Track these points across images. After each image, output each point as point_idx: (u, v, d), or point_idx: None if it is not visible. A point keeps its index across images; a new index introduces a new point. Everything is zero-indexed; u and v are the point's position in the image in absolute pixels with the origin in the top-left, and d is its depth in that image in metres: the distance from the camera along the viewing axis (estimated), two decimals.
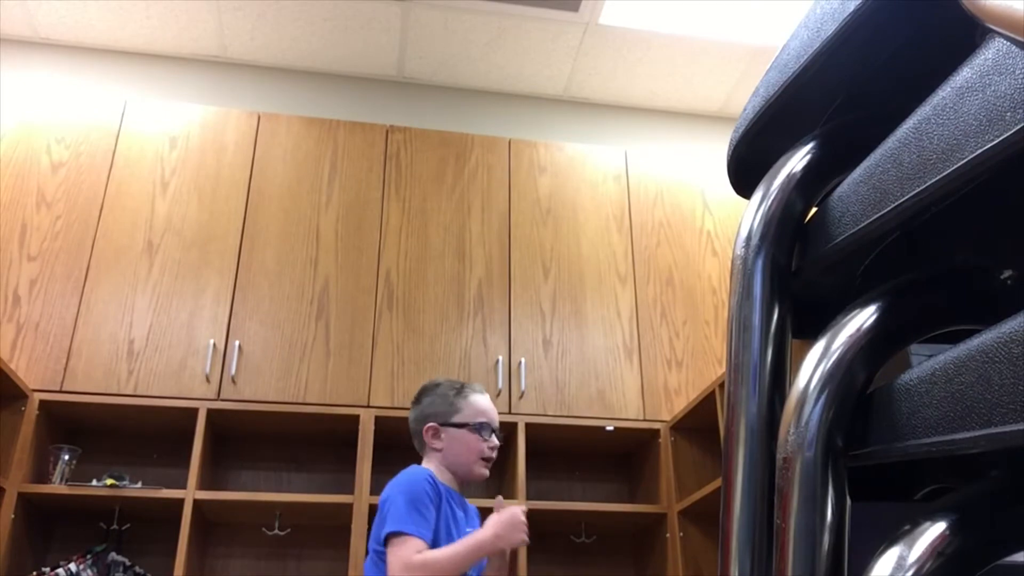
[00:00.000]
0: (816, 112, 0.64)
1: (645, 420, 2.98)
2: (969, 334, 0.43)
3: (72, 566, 2.47)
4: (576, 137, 3.77)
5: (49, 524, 2.68)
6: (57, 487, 2.52)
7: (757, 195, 0.62)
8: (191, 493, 2.51)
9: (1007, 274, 0.54)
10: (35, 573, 2.46)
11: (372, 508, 2.40)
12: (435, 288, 3.06)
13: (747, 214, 0.62)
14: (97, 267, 2.84)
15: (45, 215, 2.90)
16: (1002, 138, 0.40)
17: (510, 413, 2.84)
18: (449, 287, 3.07)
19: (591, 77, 3.80)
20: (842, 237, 0.55)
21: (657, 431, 2.95)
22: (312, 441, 2.94)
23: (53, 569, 2.45)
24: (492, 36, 3.56)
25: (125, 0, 3.35)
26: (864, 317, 0.52)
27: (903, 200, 0.48)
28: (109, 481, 2.53)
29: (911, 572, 0.42)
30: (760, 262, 0.60)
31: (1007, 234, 0.56)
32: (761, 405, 0.57)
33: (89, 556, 2.54)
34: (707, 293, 3.30)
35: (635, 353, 3.10)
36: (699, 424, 2.81)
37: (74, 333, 2.72)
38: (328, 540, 2.79)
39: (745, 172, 0.69)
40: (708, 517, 2.78)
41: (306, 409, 2.74)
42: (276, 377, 2.79)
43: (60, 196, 2.94)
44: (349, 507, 2.58)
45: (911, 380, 0.46)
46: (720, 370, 3.00)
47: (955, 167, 0.44)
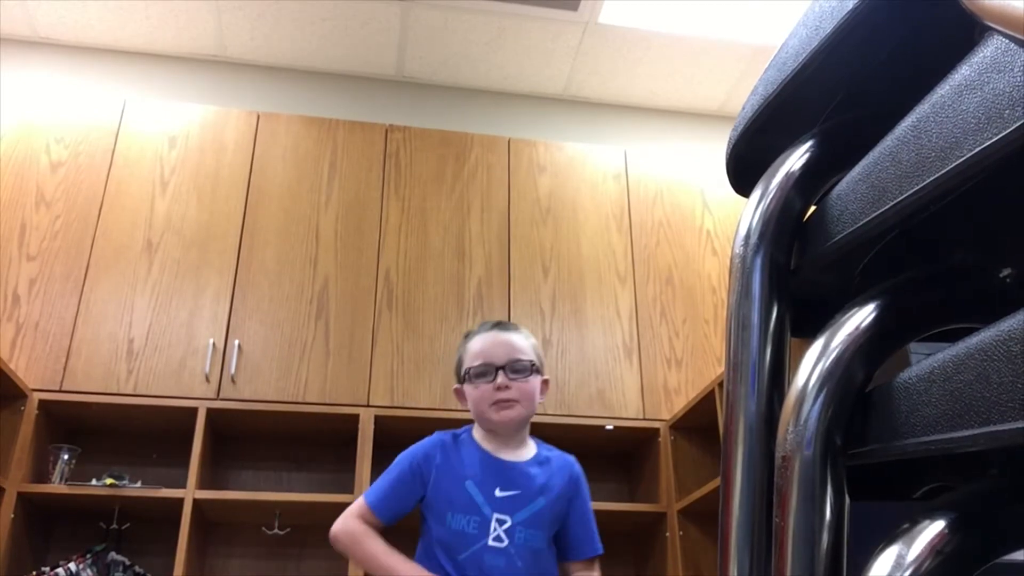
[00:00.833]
0: (815, 110, 0.64)
1: (645, 419, 2.98)
2: (968, 332, 0.43)
3: (72, 566, 2.47)
4: (576, 137, 3.77)
5: (49, 524, 2.68)
6: (57, 487, 2.52)
7: (756, 194, 0.62)
8: (191, 493, 2.51)
9: (1006, 272, 0.54)
10: (35, 573, 2.46)
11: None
12: (435, 288, 3.05)
13: (746, 213, 0.62)
14: (96, 267, 2.84)
15: (44, 215, 2.89)
16: (1001, 136, 0.40)
17: None
18: (449, 287, 3.07)
19: (591, 77, 3.80)
20: (841, 235, 0.55)
21: (657, 430, 2.95)
22: (312, 441, 2.94)
23: (53, 569, 2.45)
24: (492, 36, 3.56)
25: (125, 0, 3.35)
26: (863, 316, 0.52)
27: (902, 198, 0.48)
28: (109, 481, 2.53)
29: (910, 571, 0.42)
30: (759, 261, 0.60)
31: (1006, 232, 0.56)
32: (760, 404, 0.57)
33: (89, 556, 2.54)
34: (707, 292, 3.30)
35: (635, 352, 3.10)
36: (699, 423, 2.80)
37: (74, 333, 2.72)
38: (328, 540, 2.79)
39: (744, 171, 0.69)
40: (708, 516, 2.78)
41: (306, 409, 2.74)
42: (276, 377, 2.79)
43: (59, 196, 2.94)
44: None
45: (910, 378, 0.46)
46: (720, 369, 3.00)
47: (954, 165, 0.44)
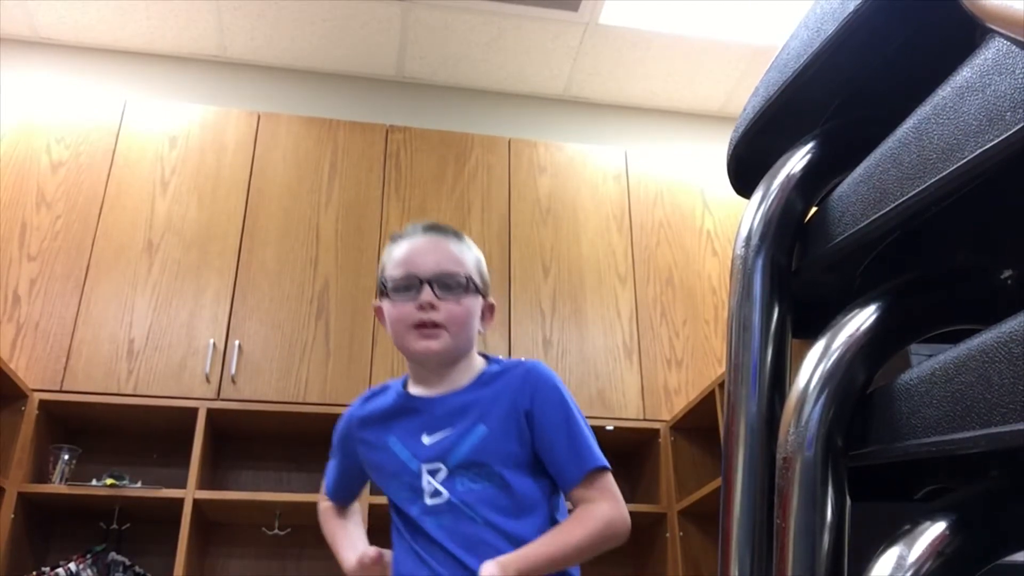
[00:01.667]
0: (816, 112, 0.64)
1: (645, 420, 2.98)
2: (969, 334, 0.43)
3: (72, 566, 2.47)
4: (576, 137, 3.77)
5: (49, 524, 2.68)
6: (57, 487, 2.52)
7: (757, 195, 0.62)
8: (191, 493, 2.51)
9: (1007, 274, 0.54)
10: (35, 573, 2.46)
11: (372, 507, 2.40)
12: None
13: (747, 214, 0.62)
14: (97, 267, 2.84)
15: (45, 215, 2.89)
16: (1002, 138, 0.40)
17: None
18: None
19: (591, 77, 3.80)
20: (842, 237, 0.55)
21: (657, 431, 2.95)
22: (312, 441, 2.94)
23: (53, 569, 2.45)
24: (492, 36, 3.56)
25: (125, 0, 3.35)
26: (864, 317, 0.52)
27: (903, 200, 0.48)
28: (109, 481, 2.53)
29: (911, 572, 0.42)
30: (760, 262, 0.60)
31: (1007, 234, 0.56)
32: (761, 405, 0.57)
33: (89, 556, 2.54)
34: (707, 293, 3.30)
35: (635, 353, 3.10)
36: (699, 424, 2.80)
37: (74, 333, 2.72)
38: None
39: (745, 172, 0.69)
40: (708, 517, 2.78)
41: (306, 409, 2.74)
42: (276, 377, 2.79)
43: (60, 196, 2.94)
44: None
45: (911, 380, 0.46)
46: (720, 370, 3.00)
47: (955, 167, 0.44)
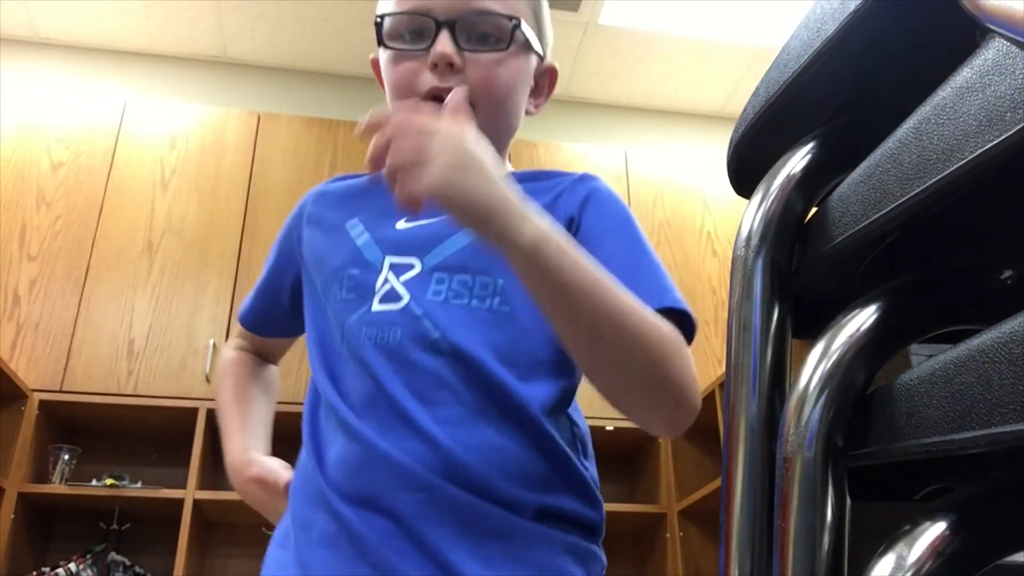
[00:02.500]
0: (816, 112, 0.64)
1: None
2: (969, 334, 0.43)
3: (72, 566, 2.47)
4: (576, 137, 3.77)
5: (49, 524, 2.68)
6: (57, 487, 2.52)
7: (757, 195, 0.62)
8: (191, 493, 2.51)
9: (1007, 274, 0.54)
10: (35, 573, 2.46)
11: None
12: None
13: (747, 214, 0.62)
14: (97, 267, 2.84)
15: (45, 215, 2.89)
16: (1002, 138, 0.40)
17: None
18: None
19: (591, 77, 3.80)
20: (842, 237, 0.55)
21: None
22: None
23: (53, 569, 2.45)
24: None
25: (125, 0, 3.35)
26: (864, 317, 0.52)
27: (903, 200, 0.48)
28: (109, 481, 2.53)
29: (911, 572, 0.42)
30: (760, 262, 0.60)
31: (1007, 234, 0.56)
32: (761, 405, 0.57)
33: (89, 556, 2.54)
34: (707, 293, 3.30)
35: None
36: (699, 424, 2.78)
37: (74, 333, 2.72)
38: None
39: (745, 172, 0.69)
40: (708, 517, 2.78)
41: None
42: None
43: (60, 196, 2.93)
44: None
45: (911, 380, 0.46)
46: (720, 370, 3.00)
47: (955, 167, 0.44)
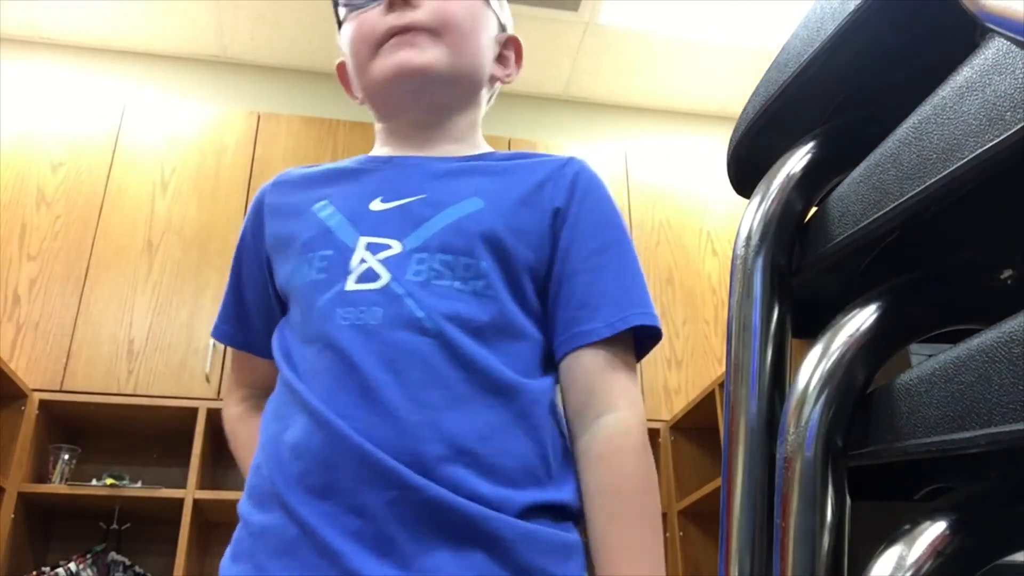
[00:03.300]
0: (816, 112, 0.64)
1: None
2: (969, 334, 0.43)
3: (72, 566, 2.47)
4: (576, 137, 3.77)
5: (49, 524, 2.68)
6: (57, 487, 2.52)
7: (757, 195, 0.62)
8: (191, 493, 2.51)
9: (1007, 274, 0.54)
10: (35, 573, 2.46)
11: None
12: None
13: (747, 214, 0.62)
14: (97, 267, 2.84)
15: (45, 215, 2.89)
16: (1002, 138, 0.40)
17: None
18: None
19: (591, 77, 3.80)
20: (842, 237, 0.55)
21: (657, 431, 2.95)
22: None
23: (53, 569, 2.45)
24: None
25: (125, 0, 3.35)
26: (864, 317, 0.52)
27: (903, 200, 0.48)
28: (109, 481, 2.53)
29: (911, 572, 0.42)
30: (760, 262, 0.60)
31: (1007, 234, 0.56)
32: (761, 405, 0.57)
33: (89, 556, 2.54)
34: (707, 293, 3.30)
35: None
36: (699, 424, 2.80)
37: (74, 333, 2.72)
38: None
39: (745, 172, 0.69)
40: (708, 517, 2.78)
41: None
42: None
43: (60, 196, 2.94)
44: None
45: (911, 380, 0.46)
46: (720, 370, 3.00)
47: (955, 167, 0.44)
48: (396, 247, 0.72)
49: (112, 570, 2.56)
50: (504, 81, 0.88)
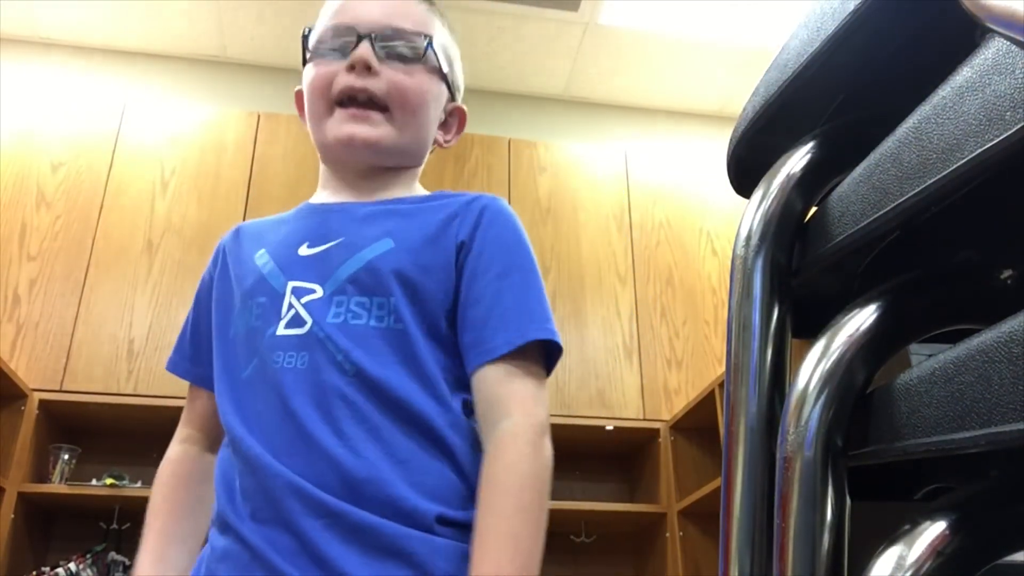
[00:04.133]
0: (816, 112, 0.64)
1: (645, 420, 2.98)
2: (969, 334, 0.43)
3: (72, 566, 2.47)
4: (576, 137, 3.77)
5: (49, 524, 2.68)
6: (57, 487, 2.52)
7: (757, 195, 0.62)
8: None
9: (1007, 274, 0.54)
10: (35, 573, 2.46)
11: None
12: None
13: (747, 214, 0.62)
14: (97, 267, 2.84)
15: (45, 215, 2.89)
16: (1002, 138, 0.40)
17: None
18: None
19: (591, 77, 3.80)
20: (842, 237, 0.55)
21: (657, 431, 2.95)
22: None
23: (53, 569, 2.45)
24: (492, 36, 3.55)
25: (125, 0, 3.35)
26: (864, 317, 0.52)
27: (903, 200, 0.48)
28: (109, 481, 2.53)
29: (911, 572, 0.42)
30: (760, 262, 0.60)
31: (1007, 234, 0.56)
32: (761, 405, 0.57)
33: (89, 556, 2.54)
34: (707, 293, 3.30)
35: (635, 353, 3.10)
36: (699, 424, 2.80)
37: (74, 333, 2.72)
38: None
39: (745, 172, 0.69)
40: (708, 517, 2.78)
41: None
42: None
43: (60, 196, 2.94)
44: None
45: (911, 380, 0.46)
46: (720, 370, 3.00)
47: (955, 167, 0.44)
48: (318, 291, 0.80)
49: (112, 570, 2.56)
50: (443, 146, 0.98)
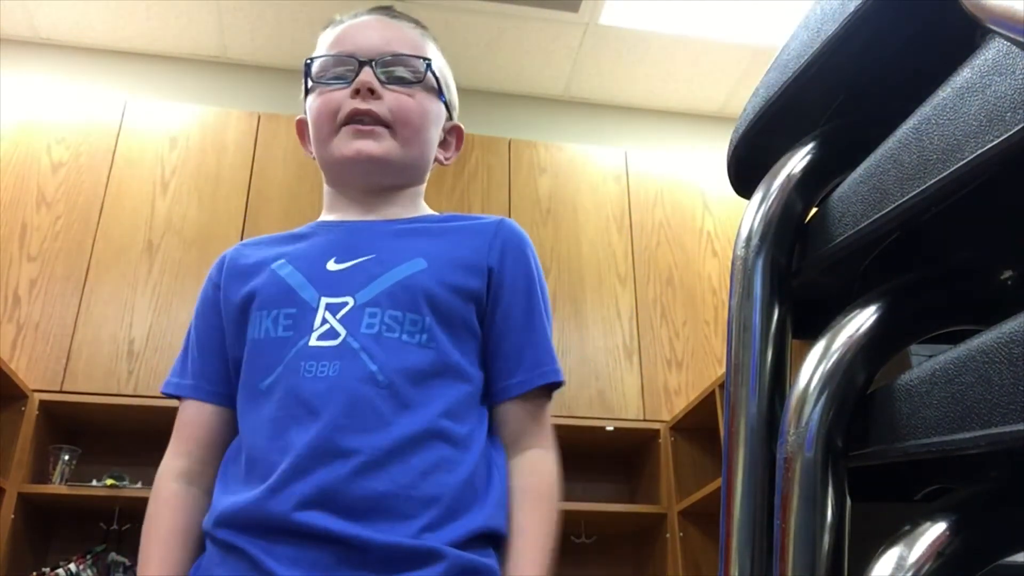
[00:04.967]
0: (816, 112, 0.64)
1: (645, 420, 2.98)
2: (969, 334, 0.43)
3: (72, 566, 2.47)
4: (576, 137, 3.77)
5: (49, 524, 2.68)
6: (57, 487, 2.52)
7: (757, 195, 0.62)
8: None
9: (1007, 274, 0.54)
10: (35, 573, 2.46)
11: None
12: None
13: (747, 214, 0.62)
14: (97, 267, 2.84)
15: (45, 215, 2.89)
16: (1002, 138, 0.40)
17: None
18: None
19: (591, 77, 3.80)
20: (842, 237, 0.55)
21: (657, 431, 2.95)
22: None
23: (53, 569, 2.45)
24: (492, 36, 3.55)
25: (125, 0, 3.35)
26: (864, 317, 0.52)
27: (903, 200, 0.48)
28: (109, 481, 2.53)
29: (911, 572, 0.42)
30: (760, 262, 0.60)
31: (1007, 234, 0.56)
32: (761, 405, 0.57)
33: (89, 556, 2.54)
34: (707, 293, 3.30)
35: (635, 353, 3.10)
36: (699, 424, 2.80)
37: (74, 333, 2.72)
38: None
39: (745, 172, 0.69)
40: (708, 517, 2.78)
41: None
42: None
43: (60, 196, 2.94)
44: None
45: (911, 380, 0.46)
46: (720, 370, 3.00)
47: (955, 167, 0.44)
48: (351, 303, 0.84)
49: (112, 571, 2.56)
50: (444, 163, 1.04)
